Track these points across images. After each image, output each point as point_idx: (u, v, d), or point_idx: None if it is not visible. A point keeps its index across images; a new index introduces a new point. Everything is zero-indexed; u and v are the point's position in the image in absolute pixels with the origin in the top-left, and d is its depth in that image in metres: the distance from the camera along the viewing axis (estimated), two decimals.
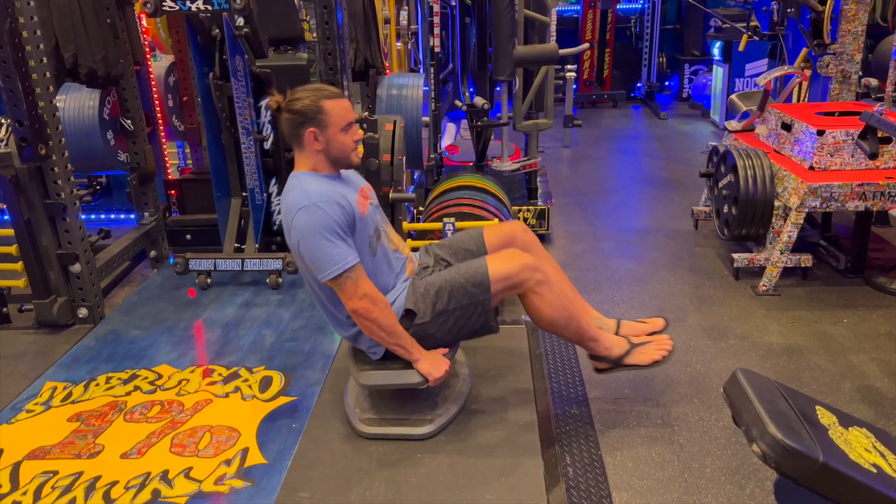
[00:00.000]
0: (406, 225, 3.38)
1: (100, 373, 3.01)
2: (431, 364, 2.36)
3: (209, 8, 3.29)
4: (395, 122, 3.16)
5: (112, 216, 4.76)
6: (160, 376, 2.97)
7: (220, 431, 2.58)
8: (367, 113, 2.92)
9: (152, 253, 4.15)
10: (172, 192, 4.37)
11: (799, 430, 1.26)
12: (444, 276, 2.36)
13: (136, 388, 2.88)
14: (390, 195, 3.12)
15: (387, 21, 4.07)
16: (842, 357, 3.05)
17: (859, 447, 1.36)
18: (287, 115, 2.23)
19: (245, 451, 2.46)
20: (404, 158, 3.31)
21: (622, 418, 2.67)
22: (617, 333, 2.65)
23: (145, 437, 2.55)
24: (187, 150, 5.08)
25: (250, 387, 2.86)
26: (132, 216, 4.31)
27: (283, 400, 2.76)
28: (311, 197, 2.16)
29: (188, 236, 4.26)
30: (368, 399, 2.62)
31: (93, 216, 4.73)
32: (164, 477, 2.33)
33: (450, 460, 2.34)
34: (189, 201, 4.36)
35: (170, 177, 4.51)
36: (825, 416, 1.45)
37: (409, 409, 2.56)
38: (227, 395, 2.81)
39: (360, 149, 3.19)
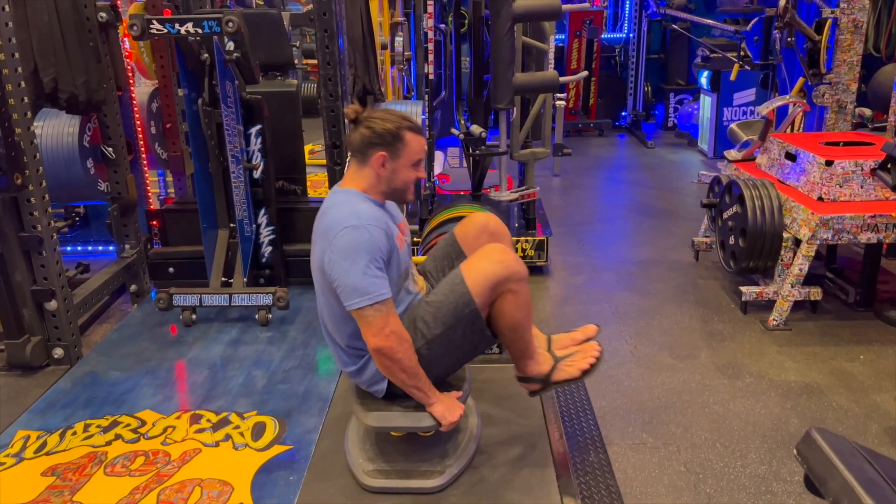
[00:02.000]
0: None
1: (77, 419, 2.78)
2: (446, 407, 2.19)
3: (199, 32, 3.13)
4: None
5: (90, 248, 4.53)
6: (143, 423, 2.75)
7: (212, 486, 2.37)
8: None
9: (133, 287, 3.93)
10: (154, 222, 4.16)
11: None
12: (424, 300, 2.21)
13: (118, 436, 2.66)
14: None
15: (383, 47, 3.95)
16: (864, 396, 2.92)
17: None
18: (364, 131, 2.09)
19: None
20: None
21: (643, 466, 2.51)
22: (549, 349, 2.42)
23: (128, 492, 2.33)
24: (168, 179, 4.87)
25: (242, 434, 2.65)
26: (111, 248, 4.09)
27: (278, 449, 2.56)
28: (362, 217, 2.02)
29: (171, 269, 4.04)
30: (372, 448, 2.43)
31: (69, 248, 4.49)
32: None
33: None
34: (172, 232, 4.15)
35: (152, 207, 4.31)
36: None
37: (416, 458, 2.37)
38: (217, 444, 2.60)
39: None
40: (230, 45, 3.28)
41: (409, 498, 2.25)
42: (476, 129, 4.10)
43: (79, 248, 4.52)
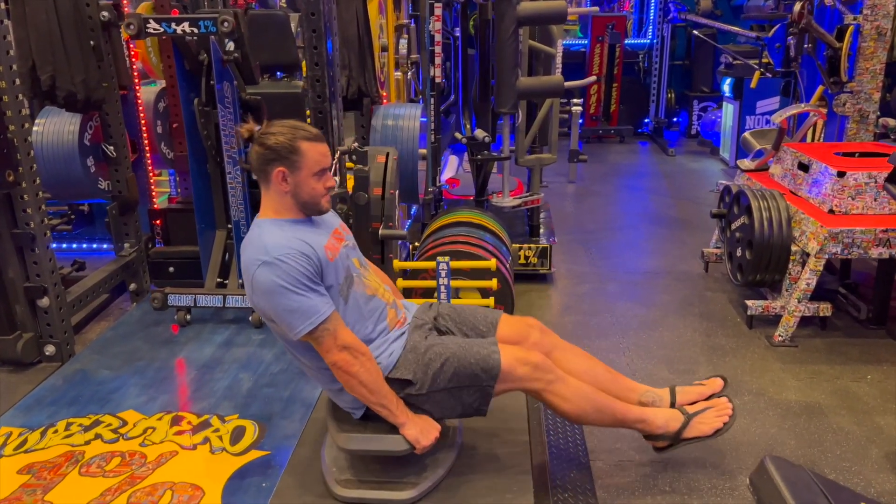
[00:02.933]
0: (397, 263, 3.17)
1: (60, 418, 2.77)
2: (420, 430, 2.11)
3: (195, 31, 3.12)
4: (387, 154, 2.96)
5: (94, 245, 4.56)
6: (125, 423, 2.73)
7: (183, 489, 2.34)
8: (356, 144, 2.73)
9: (132, 286, 3.94)
10: (157, 221, 4.17)
11: None
12: (451, 350, 2.13)
13: (98, 436, 2.65)
14: (380, 231, 2.91)
15: (384, 49, 3.91)
16: (867, 418, 2.80)
17: None
18: (258, 149, 2.01)
19: None
20: (397, 192, 3.11)
21: (627, 485, 2.42)
22: (673, 403, 2.43)
23: (99, 494, 2.31)
24: (179, 179, 4.89)
25: (220, 438, 2.62)
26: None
27: (254, 454, 2.52)
28: (270, 251, 1.93)
29: (171, 269, 4.05)
30: (347, 458, 2.37)
31: (74, 245, 4.53)
32: None
33: None
34: (174, 232, 4.16)
35: (155, 206, 4.32)
36: None
37: (391, 470, 2.31)
38: (194, 447, 2.57)
39: (351, 183, 3.00)
40: (230, 45, 3.26)
41: None
42: (480, 133, 4.04)
43: (83, 245, 4.55)
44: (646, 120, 9.06)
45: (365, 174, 2.78)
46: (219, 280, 3.63)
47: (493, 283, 3.16)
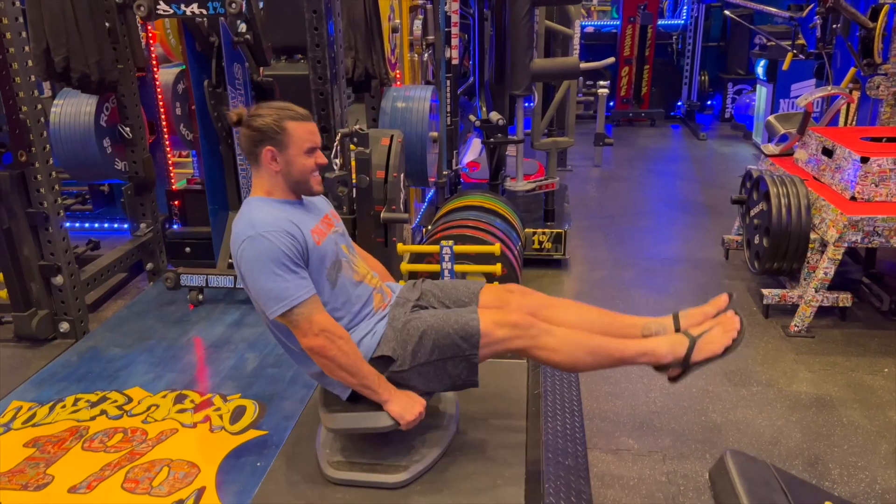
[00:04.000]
0: (401, 247, 3.15)
1: (69, 393, 2.84)
2: (403, 406, 2.11)
3: (204, 12, 3.13)
4: (391, 137, 2.94)
5: (116, 225, 4.64)
6: (130, 400, 2.78)
7: (180, 466, 2.37)
8: (358, 126, 2.71)
9: (149, 265, 4.00)
10: (175, 202, 4.23)
11: None
12: (428, 322, 2.11)
13: (103, 412, 2.70)
14: (382, 215, 2.90)
15: (395, 30, 3.87)
16: (880, 413, 2.71)
17: None
18: (246, 131, 2.03)
19: (201, 492, 2.24)
20: (402, 175, 3.09)
21: (622, 473, 2.39)
22: (678, 329, 2.27)
23: (99, 468, 2.36)
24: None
25: (221, 417, 2.65)
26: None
27: (252, 434, 2.55)
28: (256, 226, 1.94)
29: (188, 249, 4.11)
30: (340, 439, 2.38)
31: (96, 224, 4.62)
32: None
33: None
34: (192, 213, 4.22)
35: (174, 187, 4.37)
36: None
37: (383, 452, 2.31)
38: (194, 426, 2.60)
39: (353, 164, 2.98)
40: (242, 27, 3.27)
41: (370, 492, 2.20)
42: (495, 115, 3.98)
43: (105, 225, 4.64)
44: (678, 103, 8.87)
45: (366, 157, 2.76)
46: (230, 261, 3.66)
47: (497, 268, 3.12)
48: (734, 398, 2.82)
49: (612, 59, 3.86)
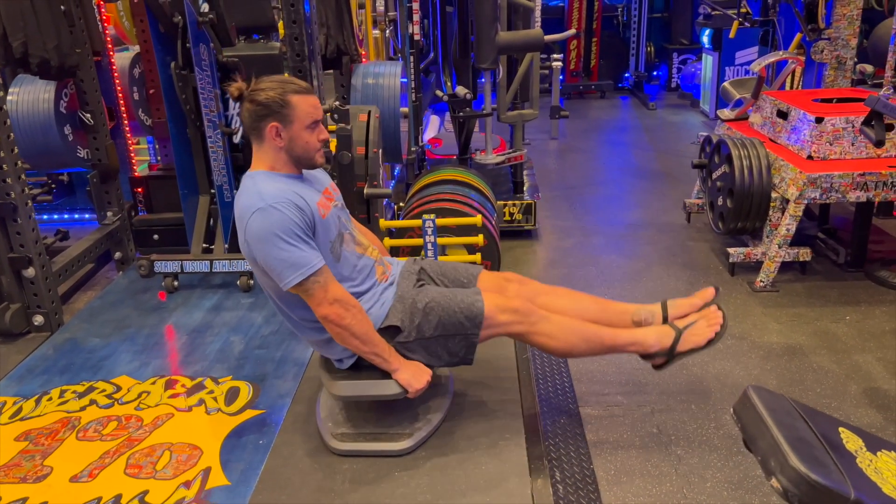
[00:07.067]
0: (383, 222, 3.18)
1: (54, 385, 2.79)
2: (412, 374, 2.16)
3: None
4: (369, 113, 2.95)
5: (76, 216, 4.52)
6: (119, 388, 2.76)
7: (181, 449, 2.38)
8: (338, 102, 2.71)
9: (117, 254, 3.92)
10: (139, 189, 4.14)
11: (825, 461, 1.08)
12: (436, 299, 2.17)
13: (92, 402, 2.67)
14: (365, 191, 2.92)
15: (361, 6, 3.86)
16: (846, 357, 2.88)
17: (892, 476, 1.18)
18: (249, 106, 2.01)
19: (207, 472, 2.25)
20: (381, 151, 3.11)
21: (615, 428, 2.49)
22: (665, 318, 2.44)
23: (98, 457, 2.34)
24: (157, 146, 4.84)
25: (215, 399, 2.66)
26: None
27: (250, 413, 2.56)
28: (265, 198, 1.95)
29: (156, 236, 4.04)
30: (342, 412, 2.42)
31: (55, 216, 4.49)
32: (117, 502, 2.13)
33: (429, 478, 2.14)
34: (157, 199, 4.14)
35: (136, 174, 4.28)
36: (851, 441, 1.27)
37: (385, 422, 2.36)
38: (189, 409, 2.60)
39: (334, 143, 2.99)
40: (204, 7, 3.21)
41: (376, 460, 2.25)
42: (461, 90, 4.02)
43: (65, 216, 4.51)
44: (626, 74, 9.04)
45: (347, 133, 2.77)
46: (204, 245, 3.63)
47: (479, 239, 3.19)
48: (711, 352, 2.92)
49: (573, 31, 3.93)
